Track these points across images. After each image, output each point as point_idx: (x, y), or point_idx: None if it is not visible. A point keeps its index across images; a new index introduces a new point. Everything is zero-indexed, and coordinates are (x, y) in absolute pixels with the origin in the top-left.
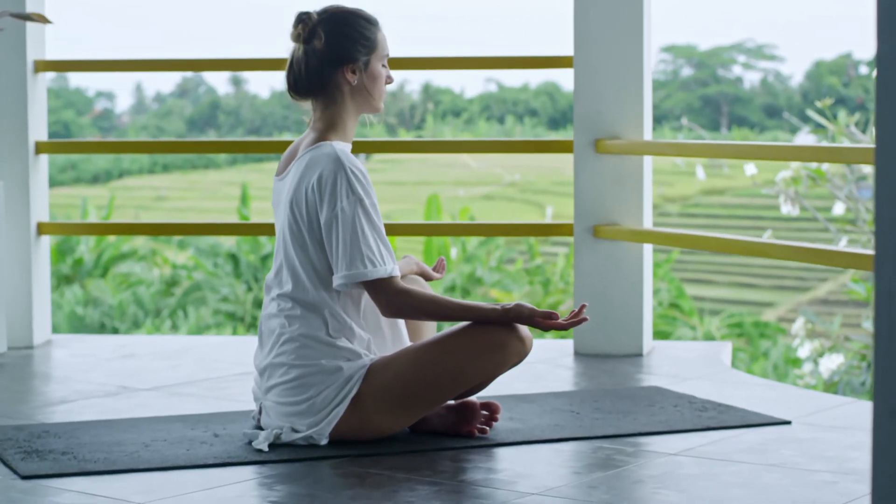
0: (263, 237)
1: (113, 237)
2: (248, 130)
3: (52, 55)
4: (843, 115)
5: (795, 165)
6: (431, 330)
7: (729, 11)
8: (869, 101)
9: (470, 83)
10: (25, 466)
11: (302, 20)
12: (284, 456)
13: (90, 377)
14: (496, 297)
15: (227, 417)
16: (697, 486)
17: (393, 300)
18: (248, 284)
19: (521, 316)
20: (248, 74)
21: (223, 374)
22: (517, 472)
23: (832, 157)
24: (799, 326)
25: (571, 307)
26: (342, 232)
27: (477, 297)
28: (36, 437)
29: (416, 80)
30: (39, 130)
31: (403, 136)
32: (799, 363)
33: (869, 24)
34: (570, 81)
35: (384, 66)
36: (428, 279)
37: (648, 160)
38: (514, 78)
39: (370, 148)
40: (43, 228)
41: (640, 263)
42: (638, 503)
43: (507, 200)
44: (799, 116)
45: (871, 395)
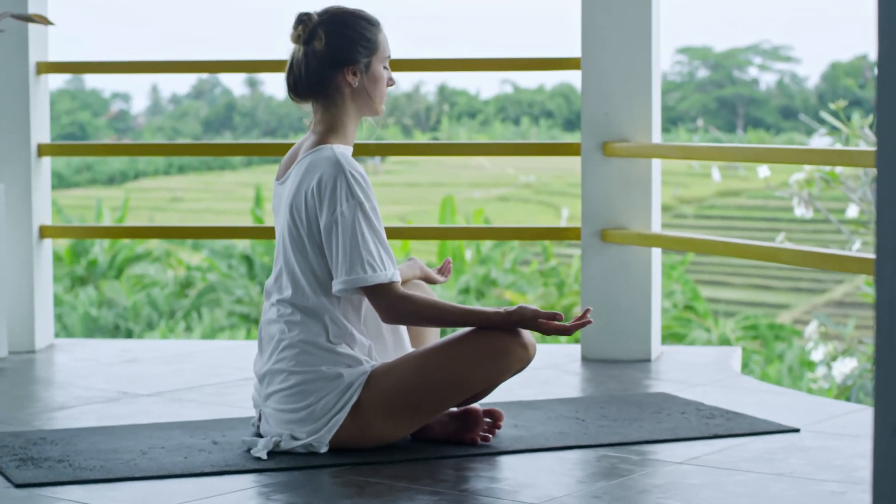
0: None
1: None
2: (263, 132)
3: (55, 56)
4: (857, 116)
5: (809, 168)
6: (434, 336)
7: (745, 13)
8: None
9: (485, 85)
10: (20, 474)
11: (302, 21)
12: (283, 464)
13: (91, 382)
14: (511, 299)
15: (227, 424)
16: (702, 496)
17: (393, 306)
18: (262, 286)
19: (524, 318)
20: (264, 76)
21: (226, 379)
22: (520, 481)
23: (841, 160)
24: (812, 330)
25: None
26: (342, 236)
27: (491, 298)
28: (32, 443)
29: (431, 81)
30: (42, 133)
31: (419, 137)
32: (813, 366)
33: None
34: None
35: (385, 67)
36: (432, 283)
37: (657, 163)
38: (529, 79)
39: (369, 151)
40: (45, 231)
41: (648, 268)
42: None
43: (521, 202)
44: (815, 118)
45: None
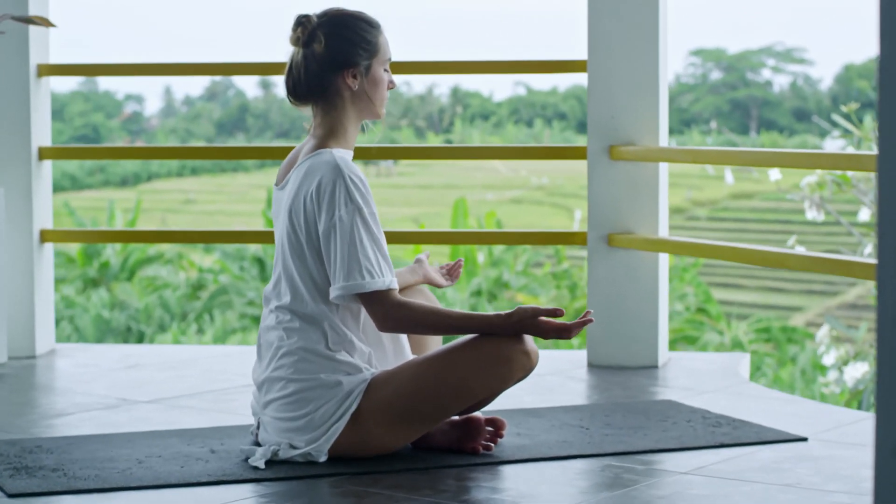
0: None
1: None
2: (276, 134)
3: (56, 59)
4: (870, 119)
5: (820, 171)
6: (436, 343)
7: (758, 15)
8: None
9: (499, 87)
10: (13, 484)
11: (301, 23)
12: (281, 473)
13: (91, 388)
14: (522, 301)
15: (225, 432)
16: None
17: (390, 313)
18: None
19: (524, 317)
20: (277, 78)
21: (228, 385)
22: (521, 491)
23: (849, 164)
24: (824, 334)
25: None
26: (340, 242)
27: (503, 301)
28: (28, 452)
29: (444, 83)
30: (43, 136)
31: (432, 139)
32: (825, 370)
33: None
34: None
35: (386, 70)
36: (436, 286)
37: (664, 167)
38: (542, 81)
39: (370, 154)
40: (46, 236)
41: (655, 272)
42: None
43: (535, 204)
44: (828, 120)
45: None
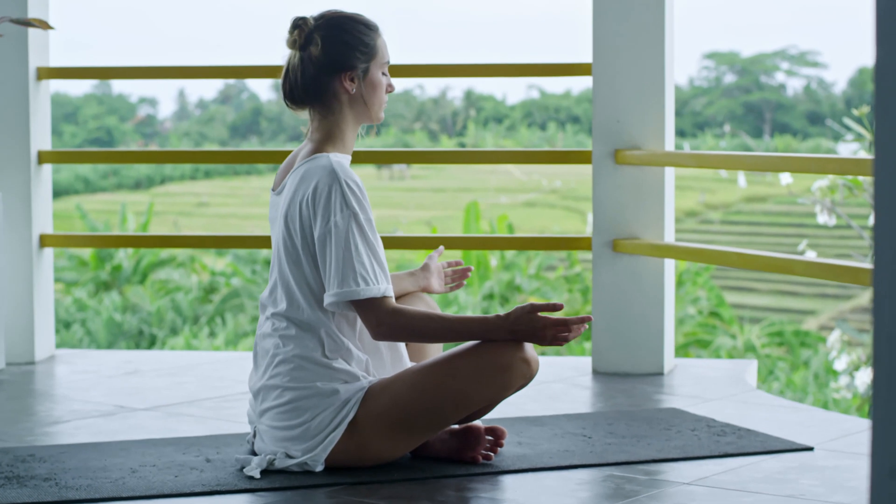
0: None
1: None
2: (290, 137)
3: (56, 61)
4: None
5: (832, 175)
6: (435, 350)
7: (772, 17)
8: None
9: (512, 90)
10: (3, 494)
11: (298, 26)
12: (277, 483)
13: (88, 395)
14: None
15: (222, 441)
16: None
17: (384, 321)
18: None
19: (521, 314)
20: None
21: (227, 392)
22: (521, 502)
23: (857, 169)
24: (835, 338)
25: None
26: (335, 248)
27: (516, 304)
28: (20, 460)
29: (458, 86)
30: (42, 139)
31: (445, 142)
32: (838, 375)
33: None
34: None
35: (385, 73)
36: (433, 292)
37: (670, 171)
38: (556, 85)
39: (370, 158)
40: (45, 240)
41: (661, 278)
42: None
43: (548, 207)
44: (842, 124)
45: None
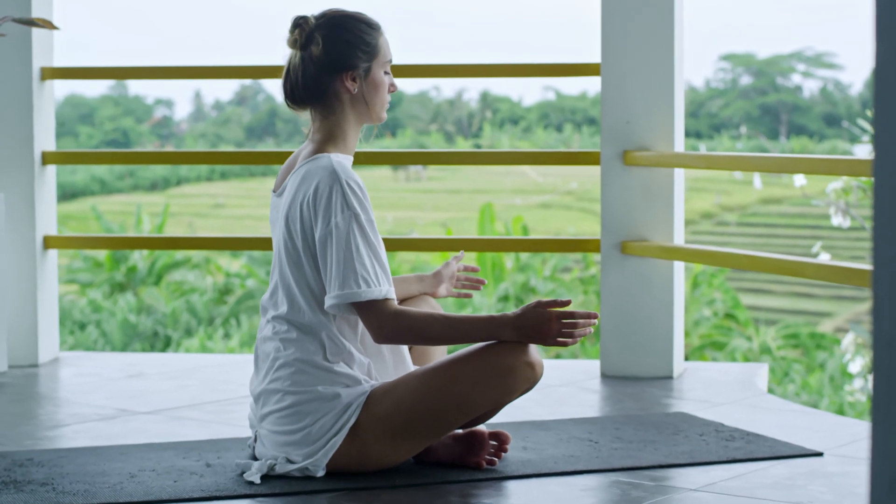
0: None
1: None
2: (306, 138)
3: (61, 62)
4: None
5: (846, 177)
6: (439, 352)
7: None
8: None
9: (528, 91)
10: None
11: (298, 25)
12: (277, 489)
13: (90, 399)
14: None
15: (222, 445)
16: None
17: (385, 324)
18: None
19: (527, 310)
20: None
21: (230, 396)
22: None
23: (869, 170)
24: (849, 341)
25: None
26: (335, 249)
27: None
28: (18, 465)
29: (474, 88)
30: (47, 140)
31: (461, 144)
32: (852, 378)
33: None
34: None
35: (387, 73)
36: (436, 297)
37: (680, 173)
38: (572, 86)
39: (372, 160)
40: (49, 242)
41: (670, 281)
42: None
43: (563, 209)
44: (858, 126)
45: None
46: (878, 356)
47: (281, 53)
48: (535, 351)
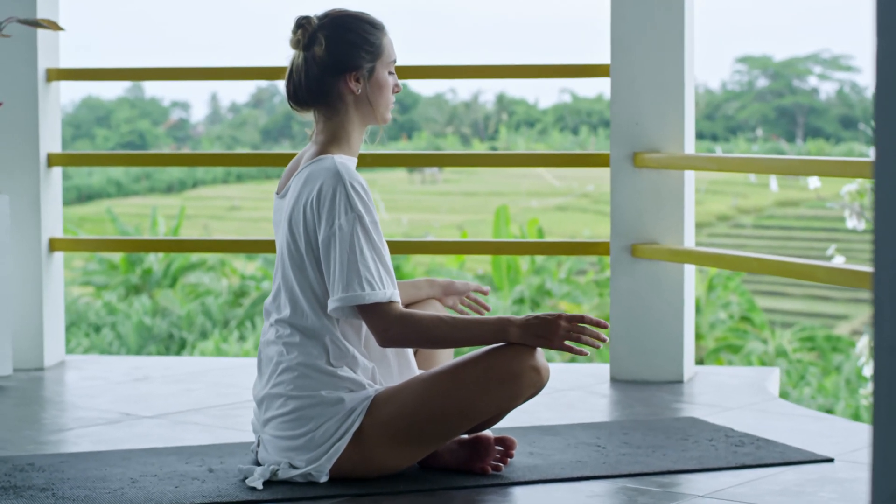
0: None
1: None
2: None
3: (67, 63)
4: None
5: (861, 179)
6: (445, 356)
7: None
8: None
9: (544, 94)
10: None
11: (301, 25)
12: (279, 495)
13: (95, 403)
14: (565, 309)
15: (226, 450)
16: None
17: (390, 327)
18: None
19: (540, 313)
20: None
21: (235, 399)
22: None
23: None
24: (864, 344)
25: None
26: (339, 251)
27: (546, 309)
28: (19, 470)
29: (490, 90)
30: (52, 142)
31: (477, 146)
32: (867, 381)
33: None
34: None
35: (391, 73)
36: (442, 303)
37: (690, 175)
38: (588, 88)
39: (374, 161)
40: (55, 244)
41: (681, 284)
42: None
43: (580, 211)
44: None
45: None
46: (878, 363)
47: (284, 54)
48: (541, 355)
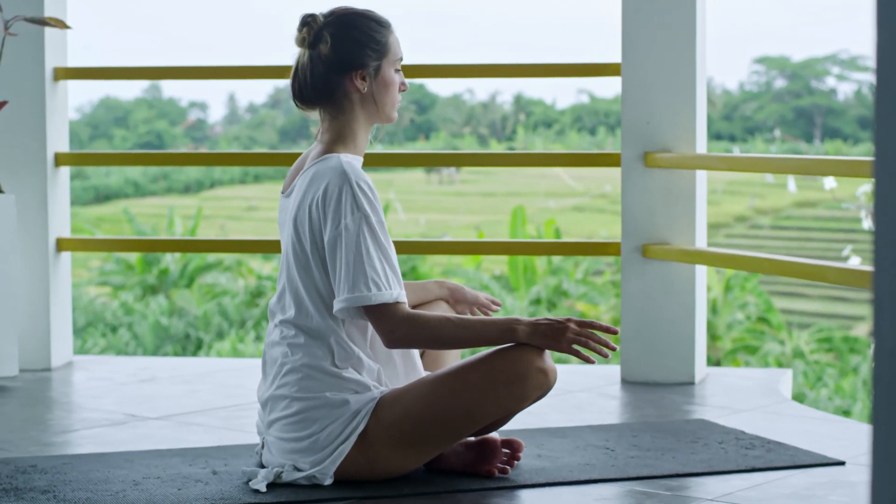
0: None
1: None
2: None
3: (75, 62)
4: None
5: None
6: (453, 357)
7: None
8: None
9: (562, 94)
10: None
11: (307, 23)
12: (283, 498)
13: (100, 404)
14: (582, 310)
15: (230, 451)
16: None
17: (397, 328)
18: None
19: (544, 319)
20: None
21: (242, 401)
22: None
23: None
24: None
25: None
26: (345, 251)
27: (563, 309)
28: (21, 472)
29: (507, 91)
30: (60, 141)
31: (495, 147)
32: None
33: None
34: None
35: (397, 71)
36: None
37: (702, 175)
38: (606, 89)
39: (378, 161)
40: (63, 244)
41: (692, 285)
42: None
43: (597, 212)
44: None
45: None
46: (878, 367)
47: (289, 53)
48: (548, 357)
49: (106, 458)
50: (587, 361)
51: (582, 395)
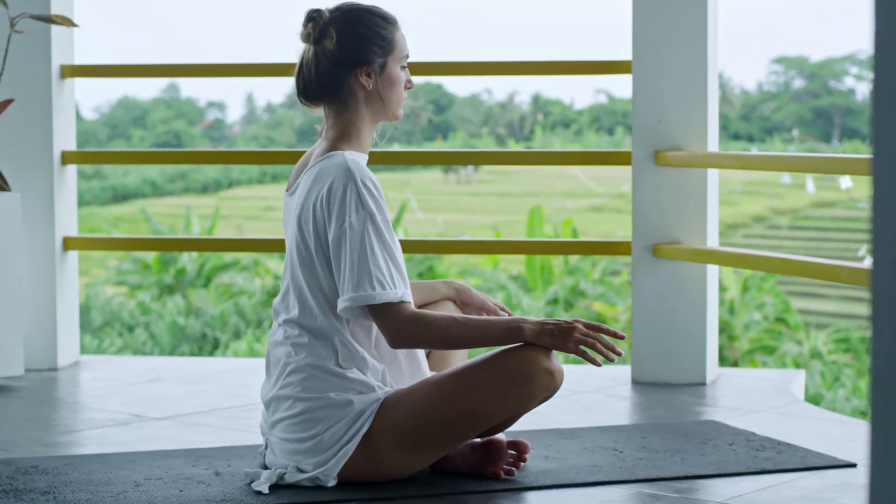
0: None
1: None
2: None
3: (82, 60)
4: None
5: None
6: (458, 357)
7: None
8: None
9: (580, 94)
10: None
11: (312, 19)
12: (286, 499)
13: (105, 404)
14: (599, 310)
15: (234, 452)
16: None
17: (402, 328)
18: None
19: (551, 319)
20: None
21: (248, 401)
22: None
23: None
24: None
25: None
26: (349, 250)
27: (580, 309)
28: (22, 472)
29: (525, 91)
30: (67, 139)
31: (512, 147)
32: None
33: None
34: None
35: (403, 68)
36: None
37: (714, 174)
38: (624, 89)
39: (395, 159)
40: (69, 243)
41: (703, 285)
42: None
43: (614, 212)
44: None
45: None
46: (876, 370)
47: (294, 50)
48: (555, 358)
49: (108, 458)
50: (593, 363)
51: (592, 395)
